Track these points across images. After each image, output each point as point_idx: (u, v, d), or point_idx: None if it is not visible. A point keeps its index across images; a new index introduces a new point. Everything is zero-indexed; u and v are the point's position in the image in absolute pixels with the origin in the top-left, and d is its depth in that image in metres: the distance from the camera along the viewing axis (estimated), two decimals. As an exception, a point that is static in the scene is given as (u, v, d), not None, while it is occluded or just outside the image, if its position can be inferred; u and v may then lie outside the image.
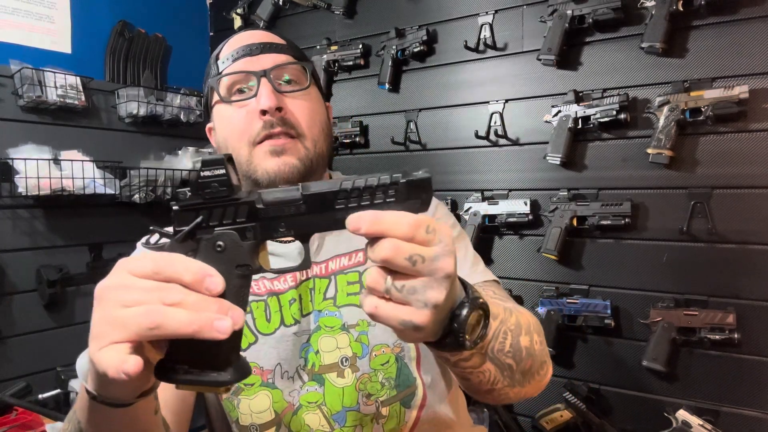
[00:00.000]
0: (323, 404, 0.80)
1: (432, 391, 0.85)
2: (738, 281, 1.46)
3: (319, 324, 0.81)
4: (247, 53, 0.81)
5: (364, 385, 0.80)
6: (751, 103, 1.42)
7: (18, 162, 1.68)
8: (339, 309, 0.82)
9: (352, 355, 0.80)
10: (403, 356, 0.83)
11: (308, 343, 0.81)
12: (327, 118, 0.88)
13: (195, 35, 2.51)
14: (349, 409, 0.79)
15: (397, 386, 0.82)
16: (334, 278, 0.84)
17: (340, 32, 2.16)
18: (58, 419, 1.39)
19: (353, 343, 0.81)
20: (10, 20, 1.85)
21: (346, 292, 0.83)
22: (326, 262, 0.85)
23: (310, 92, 0.84)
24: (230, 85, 0.82)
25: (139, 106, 2.00)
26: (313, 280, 0.84)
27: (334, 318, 0.81)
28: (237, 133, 0.80)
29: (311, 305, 0.82)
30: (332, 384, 0.80)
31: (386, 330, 0.79)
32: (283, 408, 0.79)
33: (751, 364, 1.45)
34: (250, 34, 0.86)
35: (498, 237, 1.81)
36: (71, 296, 1.91)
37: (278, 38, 0.86)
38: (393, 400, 0.82)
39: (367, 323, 0.82)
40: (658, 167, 1.54)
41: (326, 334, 0.80)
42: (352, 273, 0.84)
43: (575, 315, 1.64)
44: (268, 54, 0.82)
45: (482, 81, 1.85)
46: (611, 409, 1.65)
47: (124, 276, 0.44)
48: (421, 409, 0.84)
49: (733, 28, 1.46)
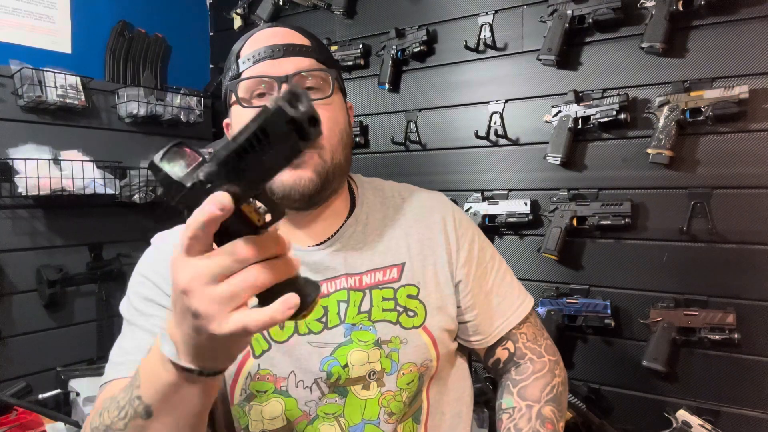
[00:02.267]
0: (341, 416, 0.79)
1: (437, 405, 0.86)
2: (738, 281, 1.46)
3: (352, 338, 0.80)
4: (269, 55, 0.78)
5: (387, 403, 0.80)
6: (751, 103, 1.42)
7: (18, 162, 1.68)
8: (374, 324, 0.81)
9: (381, 370, 0.80)
10: (425, 374, 0.83)
11: (332, 357, 0.78)
12: (348, 125, 0.85)
13: (195, 35, 2.51)
14: (368, 422, 0.79)
15: (411, 404, 0.82)
16: (369, 292, 0.82)
17: (340, 32, 2.16)
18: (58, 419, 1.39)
19: (384, 359, 0.80)
20: (10, 20, 1.85)
21: (382, 308, 0.82)
22: (360, 275, 0.83)
23: (333, 100, 0.81)
24: (250, 88, 0.79)
25: (139, 106, 2.00)
26: (348, 292, 0.82)
27: (369, 333, 0.80)
28: None
29: (338, 318, 0.81)
30: (355, 395, 0.79)
31: (417, 349, 0.82)
32: (297, 416, 0.79)
33: (751, 364, 1.45)
34: (273, 32, 0.81)
35: (498, 237, 1.81)
36: (71, 296, 1.91)
37: (303, 38, 0.82)
38: (406, 417, 0.82)
39: (400, 341, 0.81)
40: (658, 167, 1.54)
41: (359, 348, 0.79)
42: (386, 289, 0.83)
43: (575, 315, 1.64)
44: (290, 57, 0.78)
45: (482, 81, 1.85)
46: (611, 409, 1.65)
47: (196, 264, 0.46)
48: (427, 422, 0.85)
49: (733, 28, 1.45)
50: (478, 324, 0.89)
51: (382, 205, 0.91)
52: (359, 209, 0.88)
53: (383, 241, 0.86)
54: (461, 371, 0.93)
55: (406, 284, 0.84)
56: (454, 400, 0.89)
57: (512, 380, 0.88)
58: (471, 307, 0.88)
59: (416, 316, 0.83)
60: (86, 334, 1.94)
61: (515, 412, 0.84)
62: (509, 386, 0.88)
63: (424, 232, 0.88)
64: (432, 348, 0.83)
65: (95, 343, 1.95)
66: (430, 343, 0.83)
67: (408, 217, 0.90)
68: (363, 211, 0.88)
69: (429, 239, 0.88)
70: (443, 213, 0.91)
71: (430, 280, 0.86)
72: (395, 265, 0.85)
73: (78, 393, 1.63)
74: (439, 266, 0.87)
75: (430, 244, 0.88)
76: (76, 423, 1.40)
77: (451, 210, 0.92)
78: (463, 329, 0.90)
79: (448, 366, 0.89)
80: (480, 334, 0.89)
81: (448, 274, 0.87)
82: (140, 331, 0.76)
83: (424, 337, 0.83)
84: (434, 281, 0.86)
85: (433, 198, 0.94)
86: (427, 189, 0.97)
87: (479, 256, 0.90)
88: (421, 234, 0.88)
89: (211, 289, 0.45)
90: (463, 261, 0.88)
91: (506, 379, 0.90)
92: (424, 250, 0.87)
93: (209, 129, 2.35)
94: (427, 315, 0.84)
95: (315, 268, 0.82)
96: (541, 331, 0.93)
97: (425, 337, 0.83)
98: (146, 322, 0.77)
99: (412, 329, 0.82)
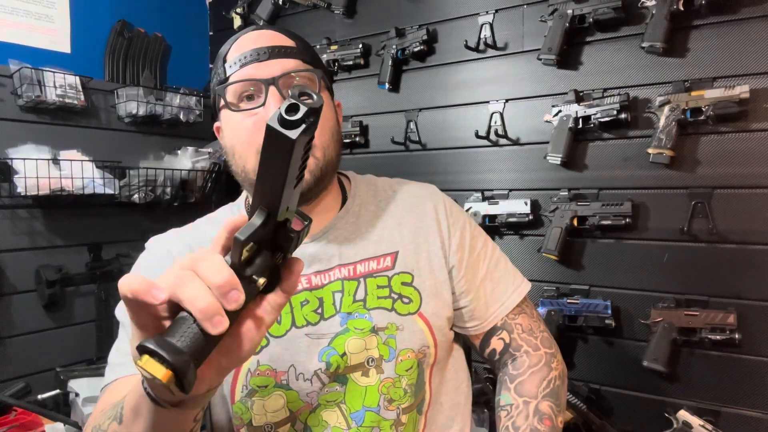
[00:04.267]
0: (342, 402, 0.80)
1: (436, 395, 0.87)
2: (739, 281, 1.45)
3: (348, 326, 0.81)
4: (255, 58, 0.78)
5: (387, 390, 0.80)
6: (752, 103, 1.41)
7: (17, 162, 1.68)
8: (369, 312, 0.82)
9: (379, 356, 0.80)
10: (424, 362, 0.84)
11: (330, 347, 0.80)
12: (337, 122, 0.86)
13: (195, 35, 2.50)
14: (368, 409, 0.80)
15: (414, 393, 0.83)
16: (363, 281, 0.83)
17: (340, 32, 2.16)
18: (57, 420, 1.39)
19: (381, 346, 0.81)
20: (9, 20, 1.85)
21: (376, 296, 0.83)
22: (354, 264, 0.84)
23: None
24: (238, 92, 0.79)
25: (138, 105, 1.99)
26: (342, 282, 0.83)
27: (365, 320, 0.81)
28: (245, 143, 0.79)
29: (334, 308, 0.82)
30: (355, 383, 0.80)
31: (413, 335, 0.82)
32: (299, 407, 0.79)
33: (751, 365, 1.44)
34: (259, 34, 0.82)
35: (498, 237, 1.81)
36: (70, 296, 1.91)
37: (288, 39, 0.83)
38: (411, 408, 0.82)
39: (396, 327, 0.82)
40: (658, 167, 1.54)
41: (355, 336, 0.80)
42: (381, 277, 0.84)
43: (576, 315, 1.63)
44: (276, 59, 0.79)
45: (482, 81, 1.85)
46: (612, 409, 1.65)
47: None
48: (427, 413, 0.85)
49: (734, 27, 1.45)
50: (473, 309, 0.90)
51: (375, 197, 0.92)
52: (351, 202, 0.90)
53: (376, 231, 0.88)
54: (459, 362, 0.93)
55: (400, 272, 0.85)
56: (453, 390, 0.90)
57: (509, 375, 0.89)
58: (465, 293, 0.89)
59: (411, 302, 0.84)
60: (85, 335, 1.94)
61: (513, 409, 0.84)
62: (506, 382, 0.89)
63: (417, 221, 0.90)
64: (429, 334, 0.84)
65: (94, 344, 1.95)
66: (427, 330, 0.84)
67: (400, 207, 0.91)
68: (355, 203, 0.90)
69: (421, 228, 0.89)
70: (434, 202, 0.92)
71: (424, 267, 0.87)
72: (389, 253, 0.86)
73: (77, 393, 1.63)
74: (433, 253, 0.88)
75: (423, 233, 0.89)
76: (75, 423, 1.40)
77: (442, 199, 0.94)
78: (458, 316, 0.90)
79: (446, 356, 0.89)
80: (476, 319, 0.90)
81: (442, 260, 0.88)
82: None
83: (420, 324, 0.84)
84: (428, 268, 0.87)
85: (424, 188, 0.96)
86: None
87: (471, 243, 0.91)
88: (413, 223, 0.90)
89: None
90: (455, 247, 0.89)
91: (504, 374, 0.91)
92: (417, 238, 0.88)
93: (209, 129, 2.34)
94: (422, 301, 0.85)
95: (309, 260, 0.83)
96: (538, 323, 0.93)
97: (421, 323, 0.84)
98: None
99: (407, 315, 0.83)
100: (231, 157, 0.83)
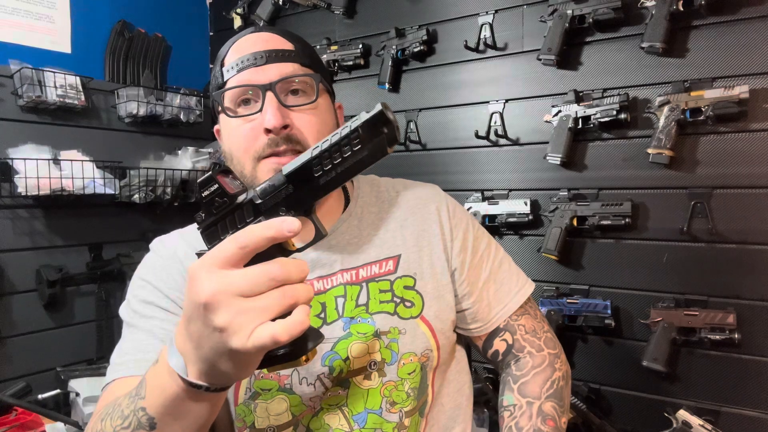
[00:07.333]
0: (345, 405, 0.80)
1: (438, 397, 0.87)
2: (738, 281, 1.45)
3: (351, 331, 0.80)
4: (252, 63, 0.77)
5: (389, 392, 0.80)
6: (751, 103, 1.42)
7: (18, 162, 1.68)
8: (371, 316, 0.82)
9: (381, 360, 0.80)
10: (426, 365, 0.84)
11: (333, 351, 0.79)
12: (337, 124, 0.85)
13: (195, 35, 2.51)
14: (371, 411, 0.80)
15: (417, 397, 0.83)
16: (366, 285, 0.83)
17: (340, 32, 2.16)
18: (58, 419, 1.39)
19: (383, 350, 0.81)
20: (9, 20, 1.85)
21: (379, 300, 0.82)
22: (356, 269, 0.84)
23: (318, 103, 0.80)
24: (235, 97, 0.79)
25: (138, 106, 1.99)
26: (344, 287, 0.83)
27: (367, 325, 0.81)
28: (242, 149, 0.78)
29: (337, 313, 0.81)
30: (357, 385, 0.80)
31: (416, 338, 0.82)
32: (302, 411, 0.79)
33: (751, 365, 1.45)
34: (257, 37, 0.81)
35: (498, 237, 1.81)
36: (71, 296, 1.91)
37: (287, 42, 0.81)
38: (414, 411, 0.83)
39: (399, 331, 0.82)
40: (658, 167, 1.54)
41: (358, 340, 0.80)
42: (383, 281, 0.84)
43: (575, 315, 1.64)
44: (274, 64, 0.77)
45: (482, 81, 1.85)
46: (611, 409, 1.65)
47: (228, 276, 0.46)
48: (429, 415, 0.86)
49: (734, 27, 1.45)
50: (476, 311, 0.89)
51: (377, 199, 0.92)
52: (354, 204, 0.89)
53: (378, 234, 0.87)
54: (461, 364, 0.93)
55: (403, 275, 0.85)
56: (455, 391, 0.90)
57: (513, 376, 0.89)
58: (468, 295, 0.89)
59: (413, 306, 0.84)
60: (86, 334, 1.94)
61: (516, 410, 0.84)
62: (510, 382, 0.89)
63: (419, 224, 0.89)
64: (431, 337, 0.84)
65: (95, 343, 1.95)
66: (429, 333, 0.84)
67: (403, 209, 0.91)
68: (358, 205, 0.90)
69: (424, 230, 0.89)
70: (437, 204, 0.92)
71: (426, 270, 0.86)
72: (391, 257, 0.86)
73: (78, 393, 1.63)
74: (435, 256, 0.88)
75: (426, 235, 0.88)
76: (75, 423, 1.40)
77: (445, 200, 0.93)
78: (461, 317, 0.90)
79: (449, 358, 0.89)
80: (478, 321, 0.90)
81: (444, 262, 0.88)
82: (139, 332, 0.77)
83: (422, 327, 0.83)
84: (431, 271, 0.87)
85: (427, 190, 0.95)
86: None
87: (474, 245, 0.91)
88: (416, 225, 0.89)
89: (241, 302, 0.45)
90: (458, 250, 0.89)
91: (507, 374, 0.91)
92: (420, 241, 0.88)
93: (209, 129, 2.35)
94: (424, 305, 0.84)
95: (311, 265, 0.82)
96: (541, 323, 0.93)
97: (423, 327, 0.84)
98: (146, 323, 0.77)
99: (409, 319, 0.83)
100: (230, 162, 0.82)
